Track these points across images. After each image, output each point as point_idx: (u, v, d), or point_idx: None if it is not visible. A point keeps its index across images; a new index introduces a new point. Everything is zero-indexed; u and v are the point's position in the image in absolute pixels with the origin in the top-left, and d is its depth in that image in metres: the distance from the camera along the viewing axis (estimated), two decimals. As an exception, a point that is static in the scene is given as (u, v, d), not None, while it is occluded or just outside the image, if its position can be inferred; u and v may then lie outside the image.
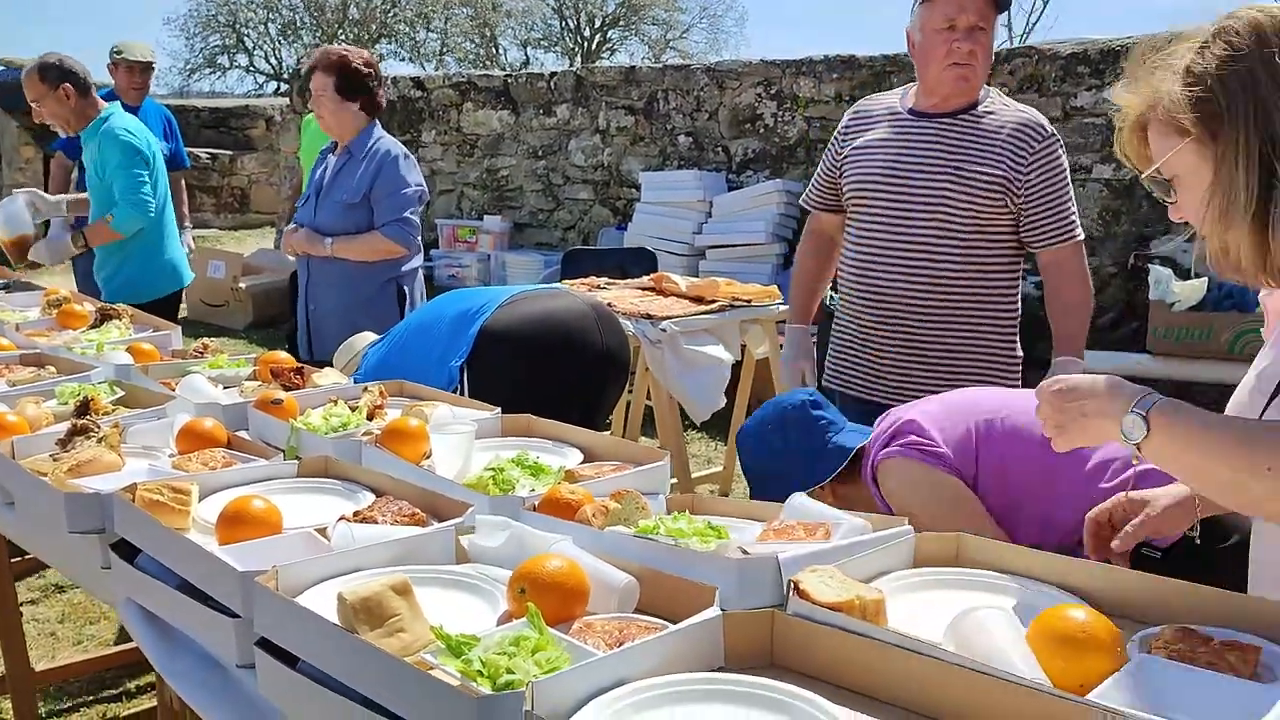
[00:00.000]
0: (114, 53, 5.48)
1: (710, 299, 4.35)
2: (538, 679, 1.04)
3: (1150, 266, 4.97)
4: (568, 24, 24.86)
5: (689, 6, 25.90)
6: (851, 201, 2.62)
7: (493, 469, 1.77)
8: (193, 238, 6.55)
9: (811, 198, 2.79)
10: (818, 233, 2.83)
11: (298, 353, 3.86)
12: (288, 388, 2.49)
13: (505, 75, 8.31)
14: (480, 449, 2.04)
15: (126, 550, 1.67)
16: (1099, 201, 5.53)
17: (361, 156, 3.64)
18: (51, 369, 2.74)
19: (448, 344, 2.80)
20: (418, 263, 3.77)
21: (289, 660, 1.29)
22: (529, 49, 25.43)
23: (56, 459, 1.95)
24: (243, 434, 2.20)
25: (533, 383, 2.75)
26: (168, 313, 4.04)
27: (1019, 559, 1.41)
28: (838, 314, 2.73)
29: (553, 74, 8.02)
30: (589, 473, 1.87)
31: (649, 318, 4.10)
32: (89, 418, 2.16)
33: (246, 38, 23.83)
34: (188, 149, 6.37)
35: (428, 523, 1.62)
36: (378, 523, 1.61)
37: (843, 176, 2.64)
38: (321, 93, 3.70)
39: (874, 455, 1.92)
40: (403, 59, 24.53)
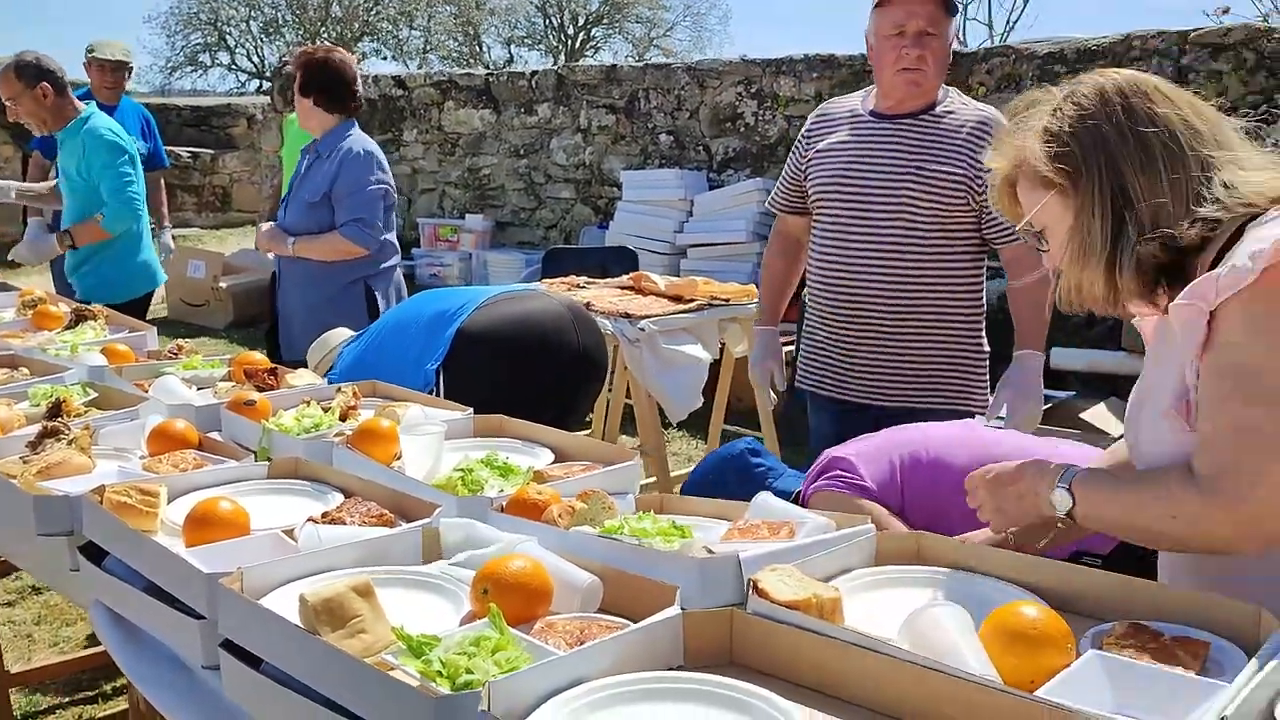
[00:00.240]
0: (89, 52, 5.45)
1: (689, 298, 4.37)
2: (494, 679, 1.05)
3: (1126, 265, 5.00)
4: (551, 22, 24.85)
5: (673, 5, 25.94)
6: (816, 203, 2.64)
7: (462, 470, 1.78)
8: (172, 237, 6.53)
9: (777, 200, 2.82)
10: (784, 235, 2.86)
11: (278, 352, 3.87)
12: (261, 389, 2.49)
13: (486, 74, 8.31)
14: (451, 449, 2.04)
15: (94, 552, 1.67)
16: (1076, 200, 5.57)
17: (328, 155, 3.65)
18: (25, 370, 2.73)
19: (424, 344, 2.80)
20: (391, 262, 3.74)
21: (253, 662, 1.29)
22: (513, 47, 25.41)
23: (27, 461, 1.95)
24: (216, 435, 2.21)
25: (509, 384, 2.76)
26: (140, 314, 4.03)
27: (978, 557, 1.43)
28: (807, 315, 2.75)
29: (534, 73, 8.02)
30: (559, 473, 1.88)
31: (627, 316, 4.11)
32: (60, 420, 2.16)
33: (228, 35, 23.72)
34: (169, 148, 6.35)
35: (396, 523, 1.63)
36: (345, 524, 1.62)
37: (807, 179, 2.67)
38: (298, 92, 3.72)
39: (805, 491, 2.00)
40: (385, 57, 24.48)
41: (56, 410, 2.24)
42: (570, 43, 24.70)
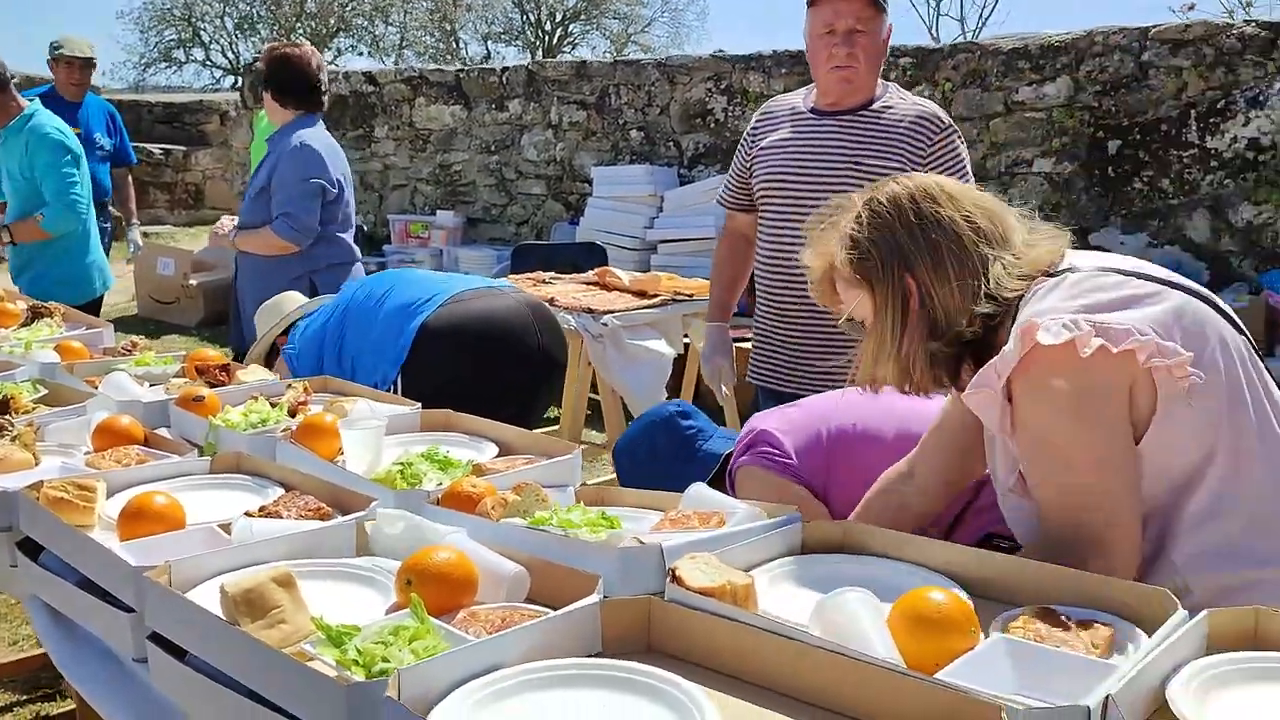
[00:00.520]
0: (54, 48, 5.41)
1: (653, 293, 4.39)
2: (403, 666, 1.07)
3: (1087, 258, 5.06)
4: (528, 18, 24.79)
5: (650, 1, 25.92)
6: (761, 199, 2.68)
7: (401, 463, 1.79)
8: (141, 234, 6.50)
9: (725, 197, 2.85)
10: (733, 231, 2.89)
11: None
12: (213, 385, 2.50)
13: (457, 70, 8.30)
14: (397, 444, 2.06)
15: (31, 548, 1.67)
16: (1039, 195, 5.61)
17: (275, 149, 3.66)
18: (-23, 367, 2.72)
19: (384, 332, 2.81)
20: (342, 260, 3.72)
21: (179, 654, 1.30)
22: (490, 43, 25.34)
23: (-31, 458, 1.95)
24: (165, 432, 2.21)
25: (471, 380, 2.77)
26: (94, 315, 4.01)
27: (900, 544, 1.45)
28: (757, 311, 2.78)
29: (505, 69, 8.02)
30: (500, 466, 1.89)
31: (590, 312, 4.14)
32: (5, 416, 2.16)
33: (203, 31, 23.55)
34: (142, 145, 6.32)
35: (332, 517, 1.64)
36: (282, 517, 1.63)
37: (753, 175, 2.70)
38: (263, 87, 3.76)
39: (733, 463, 2.01)
40: (361, 53, 24.36)
41: (4, 407, 2.24)
42: (547, 39, 24.65)
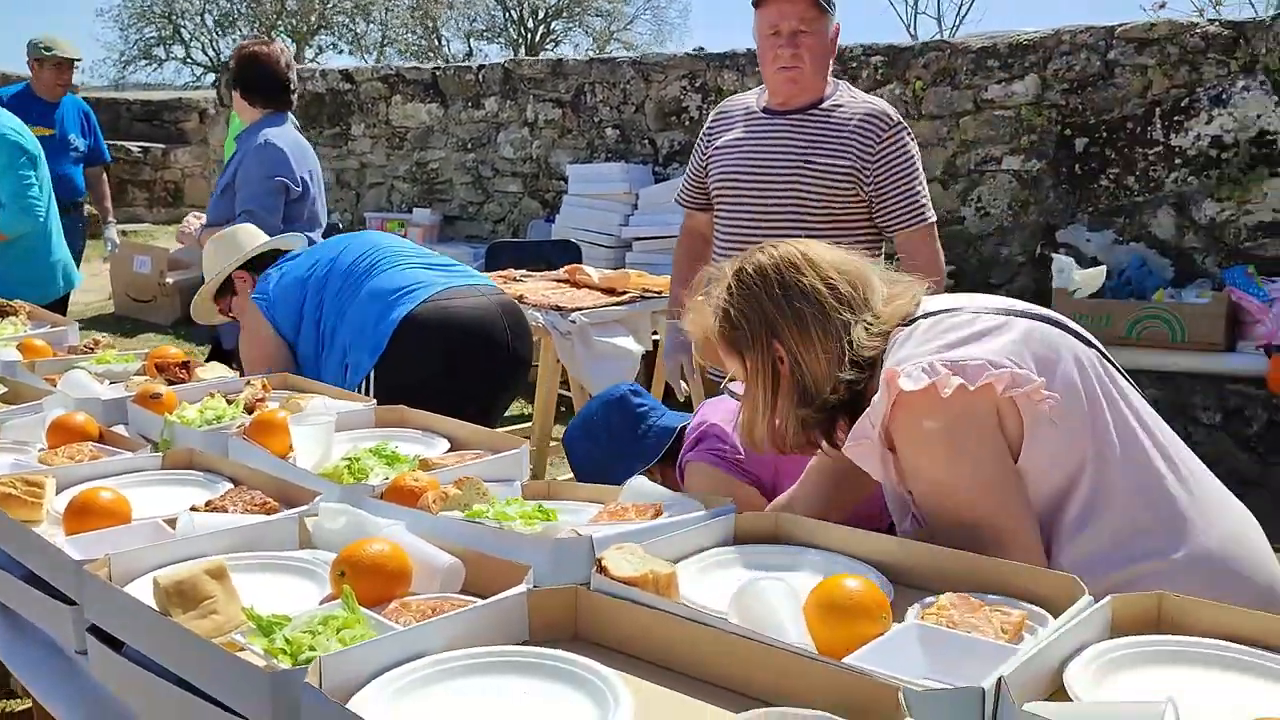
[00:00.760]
0: (42, 49, 5.37)
1: (621, 290, 4.42)
2: (326, 653, 1.10)
3: (1054, 255, 5.11)
4: (511, 15, 24.76)
5: (633, -2, 25.93)
6: (716, 198, 2.72)
7: (349, 458, 1.82)
8: (118, 232, 6.48)
9: (683, 197, 2.89)
10: (691, 230, 2.93)
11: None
12: (172, 382, 2.52)
13: (433, 68, 8.31)
14: (349, 439, 2.08)
15: (-21, 543, 1.69)
16: (1008, 192, 5.66)
17: (242, 147, 3.68)
18: (-63, 366, 2.74)
19: (362, 314, 2.81)
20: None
21: (116, 645, 1.33)
22: (472, 40, 25.31)
23: (-79, 455, 1.97)
24: (122, 429, 2.23)
25: (441, 380, 2.79)
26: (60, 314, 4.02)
27: (827, 534, 1.49)
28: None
29: (480, 67, 8.03)
30: (449, 461, 1.92)
31: (558, 309, 4.16)
32: (-39, 414, 2.17)
33: (183, 29, 23.44)
34: (120, 142, 6.31)
35: (278, 511, 1.67)
36: (228, 511, 1.66)
37: (708, 175, 2.74)
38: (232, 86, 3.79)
39: (683, 455, 2.04)
40: (342, 51, 24.29)
41: (-40, 405, 2.26)
42: (530, 36, 24.63)
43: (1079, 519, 1.46)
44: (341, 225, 7.95)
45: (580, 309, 4.16)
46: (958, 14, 15.21)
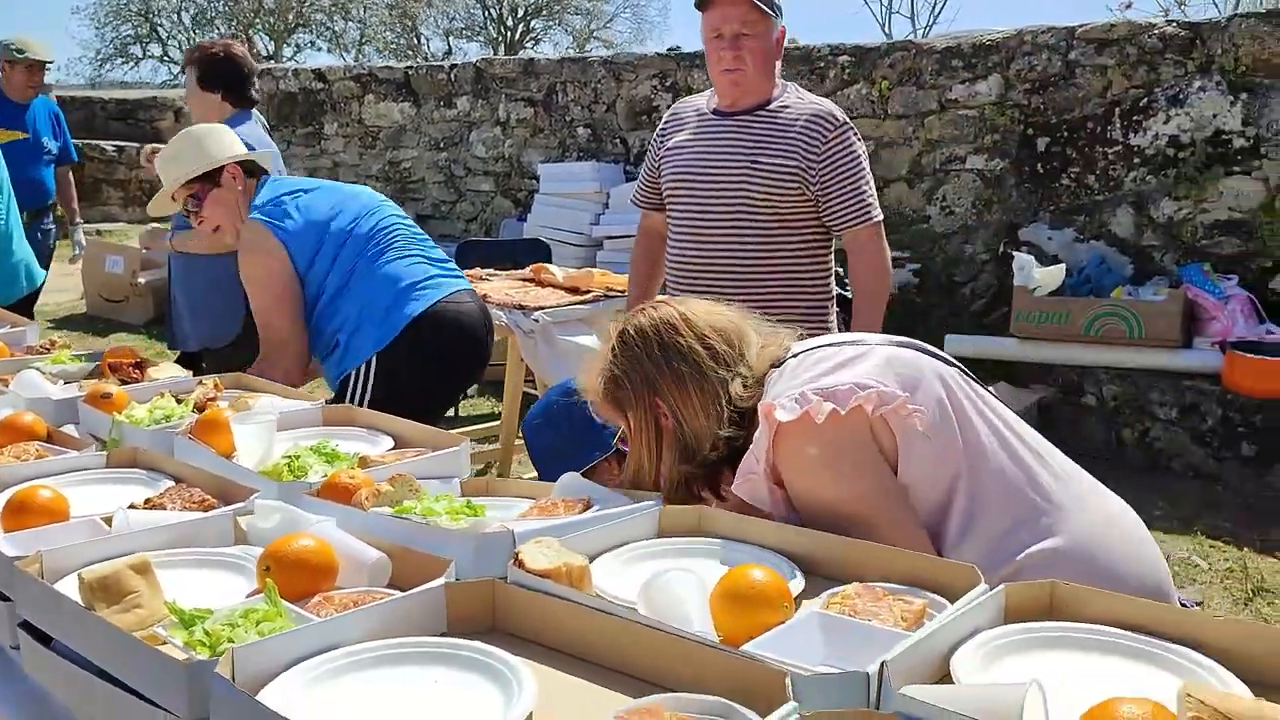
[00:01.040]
0: (14, 51, 5.36)
1: (585, 289, 4.46)
2: (237, 644, 1.13)
3: (1015, 254, 5.18)
4: (490, 13, 24.76)
5: (612, -4, 25.96)
6: (668, 199, 2.77)
7: (289, 456, 1.85)
8: (98, 231, 6.46)
9: (639, 197, 2.94)
10: (647, 230, 2.97)
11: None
12: (125, 382, 2.55)
13: (405, 67, 8.32)
14: (296, 437, 2.11)
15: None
16: (972, 191, 5.73)
17: None
18: (-108, 367, 2.74)
19: (370, 296, 2.83)
20: None
21: (45, 640, 1.36)
22: (451, 39, 25.28)
23: None
24: (72, 428, 2.25)
25: (434, 382, 2.90)
26: (24, 314, 4.02)
27: (744, 527, 1.53)
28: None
29: (453, 66, 8.06)
30: (391, 459, 1.95)
31: (521, 309, 4.20)
32: (-90, 415, 2.19)
33: (160, 27, 23.35)
34: (96, 141, 6.29)
35: (216, 508, 1.70)
36: (166, 509, 1.68)
37: (661, 176, 2.78)
38: (190, 86, 3.78)
39: None
40: (321, 49, 24.23)
41: (-90, 406, 2.27)
42: (509, 34, 24.63)
43: (960, 529, 1.54)
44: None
45: (543, 308, 4.19)
46: (931, 13, 15.31)
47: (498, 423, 5.02)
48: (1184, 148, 5.06)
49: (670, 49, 7.64)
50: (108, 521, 1.65)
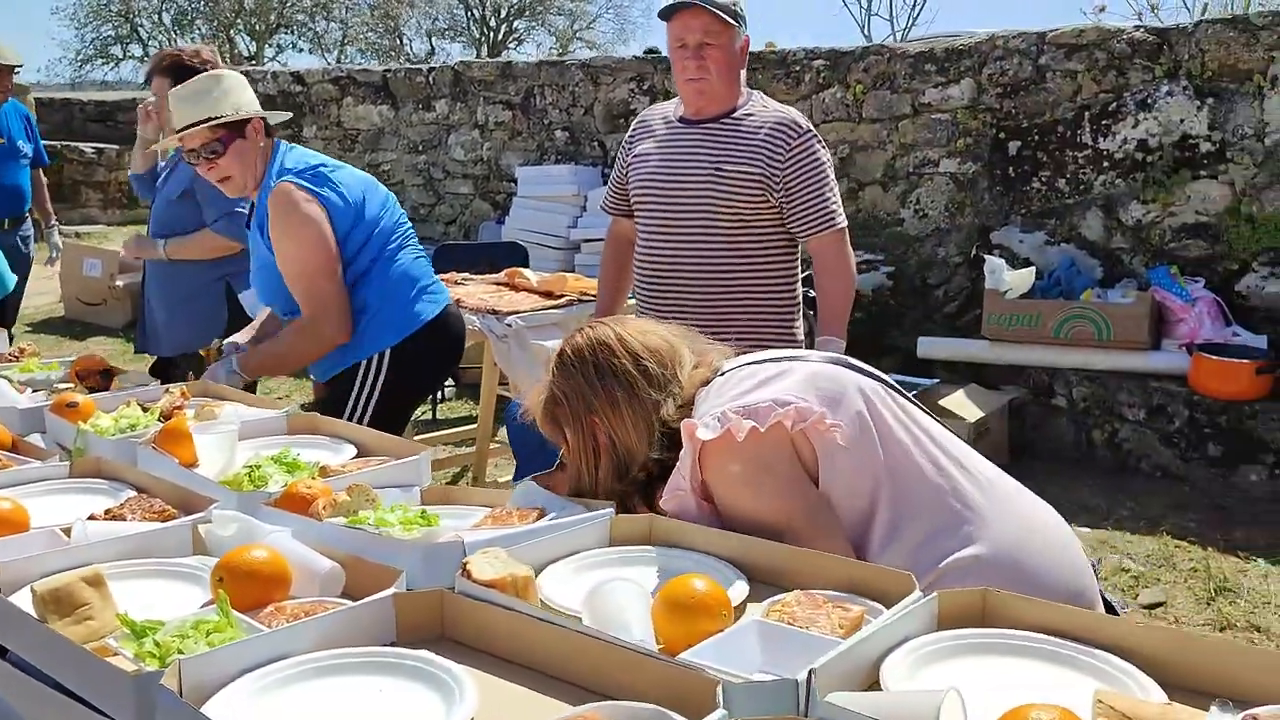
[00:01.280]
0: None
1: (559, 294, 4.48)
2: (184, 655, 1.15)
3: (987, 257, 5.23)
4: (473, 14, 24.75)
5: (595, -4, 25.98)
6: (635, 206, 2.80)
7: (250, 466, 1.87)
8: (76, 234, 6.44)
9: (607, 203, 2.97)
10: (616, 236, 3.00)
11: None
12: (93, 390, 2.56)
13: (384, 70, 8.33)
14: (259, 446, 2.13)
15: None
16: (945, 194, 5.77)
17: None
18: None
19: (391, 289, 2.84)
20: None
21: (1, 651, 1.38)
22: (434, 39, 25.26)
23: None
24: (38, 437, 2.27)
25: (425, 385, 3.07)
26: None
27: (695, 536, 1.56)
28: (636, 311, 2.89)
29: (431, 69, 8.06)
30: (353, 468, 1.98)
31: (494, 313, 4.22)
32: (-126, 425, 2.20)
33: (140, 28, 23.25)
34: (74, 143, 6.27)
35: (176, 518, 1.72)
36: (126, 520, 1.70)
37: (629, 183, 2.81)
38: (161, 95, 3.75)
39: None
40: (302, 50, 24.17)
41: (-125, 416, 2.28)
42: (492, 35, 24.62)
43: (883, 538, 1.58)
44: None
45: (516, 313, 4.21)
46: (910, 15, 15.40)
47: (474, 426, 5.04)
48: (1152, 151, 5.12)
49: (648, 50, 7.68)
50: (67, 532, 1.68)
